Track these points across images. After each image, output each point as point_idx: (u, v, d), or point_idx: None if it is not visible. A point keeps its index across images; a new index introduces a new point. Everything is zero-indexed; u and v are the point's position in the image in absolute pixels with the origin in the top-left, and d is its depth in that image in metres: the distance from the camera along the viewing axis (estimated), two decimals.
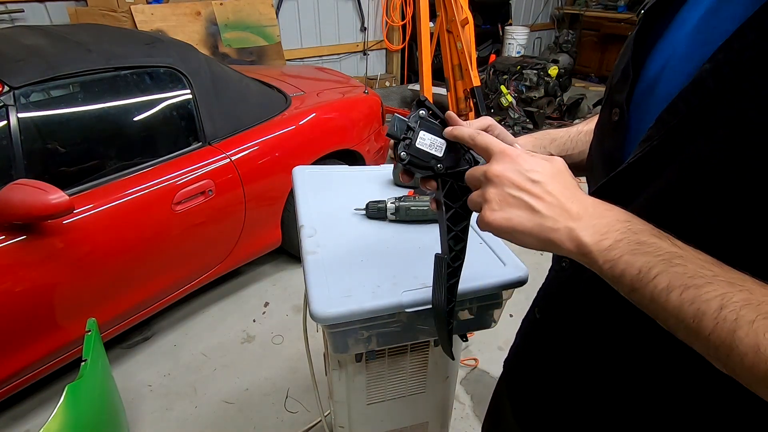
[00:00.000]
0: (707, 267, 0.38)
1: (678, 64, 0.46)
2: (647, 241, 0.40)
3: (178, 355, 2.06)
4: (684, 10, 0.48)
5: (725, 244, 0.40)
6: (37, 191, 1.36)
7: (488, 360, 2.02)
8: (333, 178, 1.15)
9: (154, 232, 1.79)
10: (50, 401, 1.82)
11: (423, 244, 0.89)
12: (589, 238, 0.43)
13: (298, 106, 2.41)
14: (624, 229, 0.42)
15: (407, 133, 0.57)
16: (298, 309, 2.31)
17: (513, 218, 0.46)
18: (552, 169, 0.48)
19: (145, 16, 3.10)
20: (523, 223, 0.46)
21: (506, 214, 0.47)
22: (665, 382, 0.50)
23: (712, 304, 0.36)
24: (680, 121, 0.42)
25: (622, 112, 0.51)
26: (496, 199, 0.47)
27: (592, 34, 6.35)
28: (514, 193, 0.46)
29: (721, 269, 0.37)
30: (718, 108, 0.39)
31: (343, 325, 0.74)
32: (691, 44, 0.45)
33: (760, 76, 0.36)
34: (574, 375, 0.61)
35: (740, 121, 0.37)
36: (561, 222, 0.44)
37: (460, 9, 3.21)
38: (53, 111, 1.73)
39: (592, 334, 0.57)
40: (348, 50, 4.88)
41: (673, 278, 0.38)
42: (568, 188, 0.47)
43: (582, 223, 0.44)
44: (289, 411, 1.81)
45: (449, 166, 0.58)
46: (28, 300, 1.49)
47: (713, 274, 0.37)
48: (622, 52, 0.56)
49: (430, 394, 1.03)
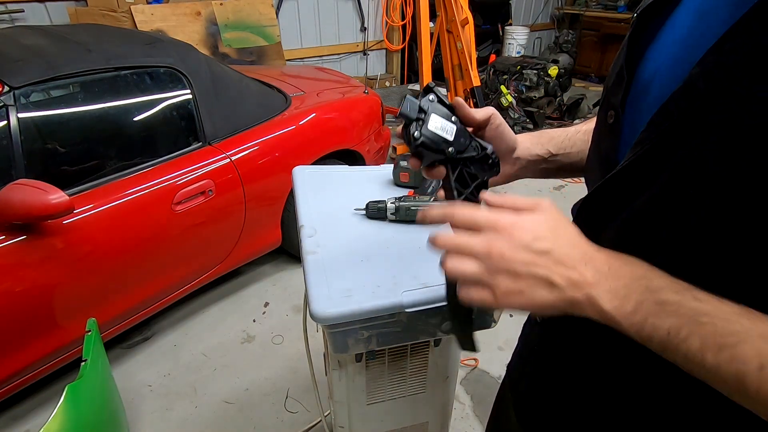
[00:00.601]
0: (736, 321, 0.37)
1: (670, 68, 0.46)
2: (669, 300, 0.39)
3: (178, 355, 2.06)
4: (676, 13, 0.48)
5: (721, 244, 0.40)
6: (37, 191, 1.36)
7: (488, 360, 2.02)
8: (333, 178, 1.15)
9: (154, 232, 1.79)
10: (50, 401, 1.82)
11: (423, 244, 0.89)
12: (609, 304, 0.41)
13: (298, 106, 2.41)
14: (642, 288, 0.41)
15: (420, 113, 0.57)
16: (298, 309, 2.31)
17: (536, 298, 0.43)
18: (550, 224, 0.45)
19: (145, 16, 3.10)
20: (546, 300, 0.43)
21: (527, 297, 0.43)
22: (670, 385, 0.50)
23: (751, 365, 0.35)
24: (672, 125, 0.42)
25: (617, 115, 0.51)
26: (508, 284, 0.44)
27: (592, 34, 6.35)
28: (526, 271, 0.43)
29: (749, 322, 0.37)
30: (708, 111, 0.39)
31: (343, 325, 0.74)
32: (682, 47, 0.45)
33: (748, 78, 0.36)
34: (578, 378, 0.61)
35: (731, 123, 0.37)
36: (580, 290, 0.43)
37: (460, 9, 3.21)
38: (53, 111, 1.73)
39: (594, 337, 0.57)
40: (348, 50, 4.88)
41: (705, 339, 0.37)
42: (576, 246, 0.45)
43: (599, 289, 0.42)
44: (289, 411, 1.81)
45: (459, 150, 0.58)
46: (28, 300, 1.49)
47: (744, 330, 0.36)
48: (617, 55, 0.56)
49: (430, 394, 1.03)
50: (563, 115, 4.60)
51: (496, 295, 0.44)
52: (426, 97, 0.58)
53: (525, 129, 4.27)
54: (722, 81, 0.38)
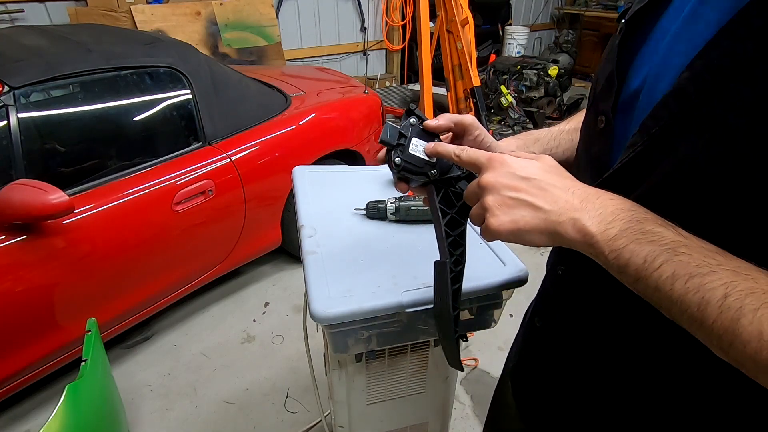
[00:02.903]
0: (712, 256, 0.38)
1: (659, 73, 0.47)
2: (652, 230, 0.41)
3: (178, 355, 2.06)
4: (663, 19, 0.49)
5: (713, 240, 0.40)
6: (37, 191, 1.36)
7: (488, 360, 2.02)
8: (333, 178, 1.15)
9: (154, 232, 1.79)
10: (50, 401, 1.82)
11: (423, 244, 0.89)
12: (595, 227, 0.43)
13: (298, 106, 2.41)
14: (629, 218, 0.42)
15: (400, 139, 0.57)
16: (298, 309, 2.31)
17: (518, 219, 0.46)
18: (543, 165, 0.49)
19: (145, 16, 3.10)
20: (529, 222, 0.46)
21: (510, 217, 0.47)
22: (670, 381, 0.51)
23: (716, 292, 0.36)
24: (663, 127, 0.43)
25: (608, 120, 0.52)
26: (495, 205, 0.48)
27: (592, 34, 6.35)
28: (512, 195, 0.47)
29: (725, 258, 0.38)
30: (698, 114, 0.40)
31: (343, 325, 0.74)
32: (671, 53, 0.46)
33: (737, 81, 0.37)
34: (580, 378, 0.61)
35: (720, 125, 0.39)
36: (565, 214, 0.45)
37: (460, 9, 3.21)
38: (53, 111, 1.73)
39: (594, 338, 0.58)
40: (348, 50, 4.88)
41: (678, 267, 0.38)
42: (564, 180, 0.47)
43: (586, 213, 0.44)
44: (289, 411, 1.81)
45: (443, 171, 0.58)
46: (28, 300, 1.49)
47: (718, 263, 0.37)
48: (603, 60, 0.57)
49: (430, 394, 1.03)
50: (563, 115, 4.60)
51: (486, 218, 0.49)
52: (407, 120, 0.58)
53: (525, 129, 4.27)
54: (711, 84, 0.39)
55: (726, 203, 0.40)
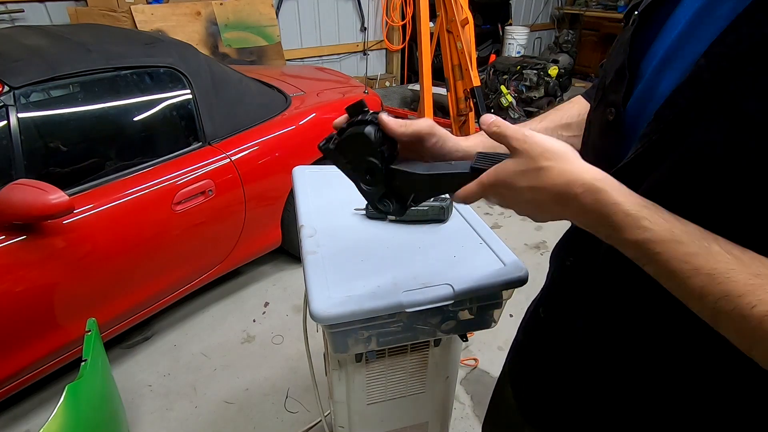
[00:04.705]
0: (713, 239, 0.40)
1: (672, 63, 0.47)
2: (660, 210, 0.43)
3: (178, 355, 2.06)
4: (678, 11, 0.49)
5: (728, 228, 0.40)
6: (37, 191, 1.36)
7: (488, 360, 2.02)
8: (333, 178, 1.15)
9: (154, 232, 1.79)
10: (50, 401, 1.82)
11: (423, 244, 0.89)
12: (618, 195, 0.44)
13: (298, 106, 2.41)
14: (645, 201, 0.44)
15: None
16: (298, 309, 2.31)
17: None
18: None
19: (145, 16, 3.10)
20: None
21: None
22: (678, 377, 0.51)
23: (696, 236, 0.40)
24: (678, 115, 0.43)
25: (618, 112, 0.52)
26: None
27: (592, 34, 6.35)
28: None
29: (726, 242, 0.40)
30: (715, 100, 0.40)
31: (343, 325, 0.74)
32: (685, 43, 0.46)
33: (755, 66, 0.37)
34: (583, 371, 0.61)
35: (737, 111, 0.38)
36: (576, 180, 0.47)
37: (460, 9, 3.20)
38: (53, 111, 1.73)
39: (600, 329, 0.58)
40: (348, 50, 4.88)
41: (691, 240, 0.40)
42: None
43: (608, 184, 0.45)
44: (289, 411, 1.81)
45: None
46: (28, 300, 1.49)
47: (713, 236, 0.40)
48: (613, 53, 0.57)
49: (430, 394, 1.03)
50: None
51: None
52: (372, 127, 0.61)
53: None
54: (728, 70, 0.39)
55: (741, 192, 0.39)
